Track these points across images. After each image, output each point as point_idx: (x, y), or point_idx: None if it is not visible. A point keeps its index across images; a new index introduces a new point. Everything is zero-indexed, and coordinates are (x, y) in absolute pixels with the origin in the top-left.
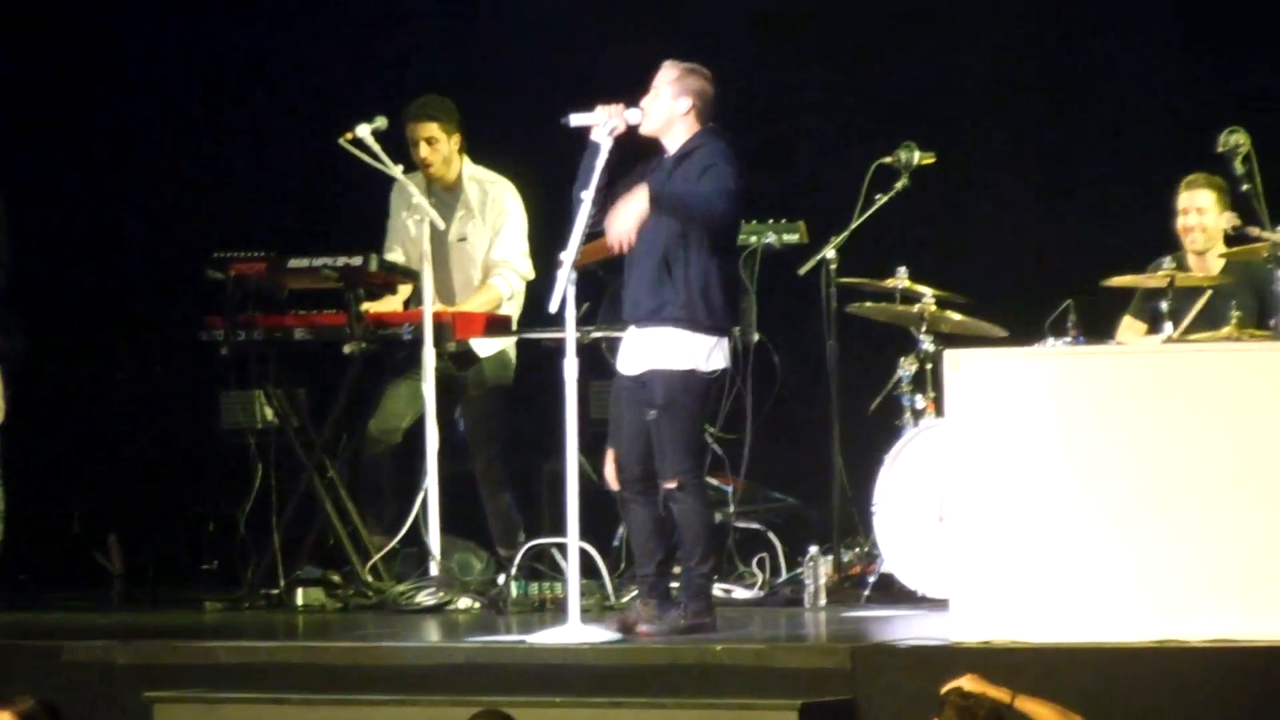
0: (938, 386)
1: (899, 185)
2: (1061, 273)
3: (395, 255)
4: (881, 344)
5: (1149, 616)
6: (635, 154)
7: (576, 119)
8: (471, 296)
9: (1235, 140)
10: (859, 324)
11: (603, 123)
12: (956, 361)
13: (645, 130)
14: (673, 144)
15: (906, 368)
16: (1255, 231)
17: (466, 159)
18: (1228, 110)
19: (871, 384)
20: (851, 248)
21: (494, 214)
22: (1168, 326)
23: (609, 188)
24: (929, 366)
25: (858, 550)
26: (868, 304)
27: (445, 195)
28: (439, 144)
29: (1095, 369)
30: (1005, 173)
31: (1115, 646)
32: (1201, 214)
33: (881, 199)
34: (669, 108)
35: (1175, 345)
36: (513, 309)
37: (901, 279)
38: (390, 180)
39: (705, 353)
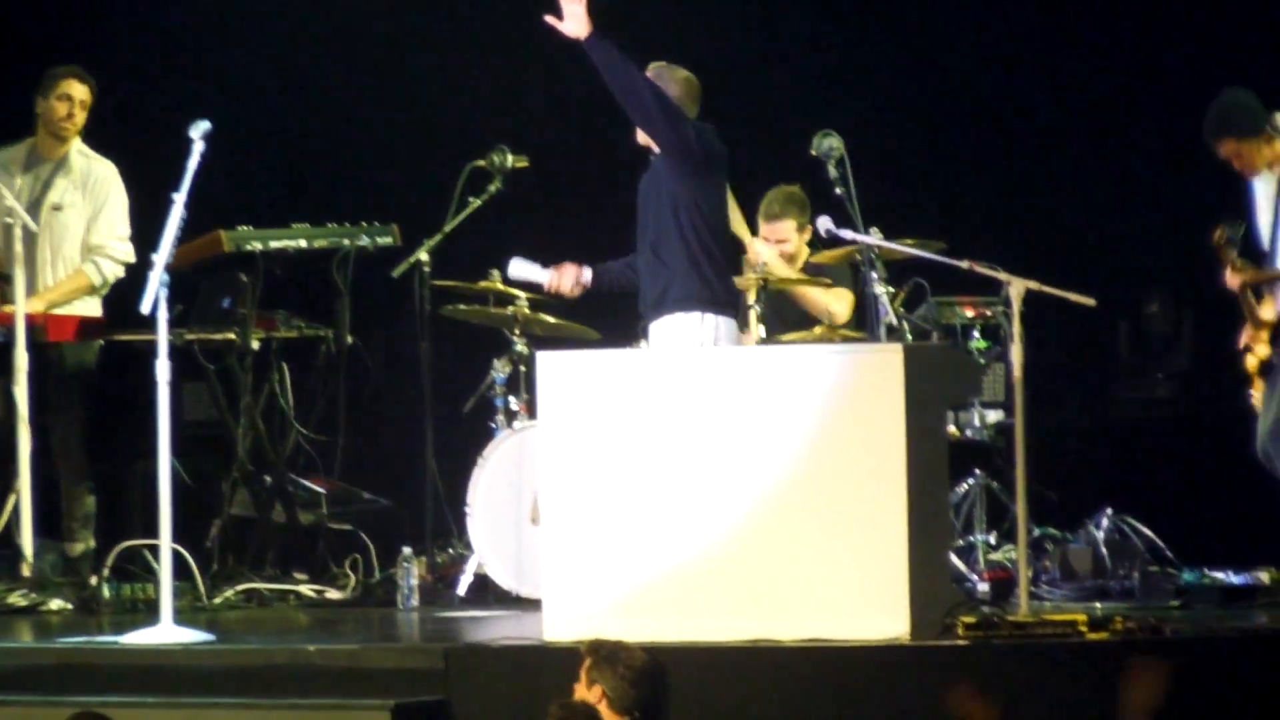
0: (531, 389)
1: (492, 188)
2: None
3: None
4: (476, 346)
5: (742, 616)
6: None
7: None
8: (62, 282)
9: (829, 144)
10: (453, 326)
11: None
12: (549, 364)
13: (641, 141)
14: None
15: (500, 370)
16: (848, 234)
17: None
18: (825, 113)
19: (465, 385)
20: (445, 250)
21: (98, 192)
22: (760, 328)
23: None
24: (523, 369)
25: (451, 551)
26: (461, 306)
27: (49, 165)
28: (86, 111)
29: (686, 371)
30: (598, 177)
31: (709, 645)
32: (783, 244)
33: (475, 202)
34: None
35: (764, 346)
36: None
37: (494, 281)
38: None
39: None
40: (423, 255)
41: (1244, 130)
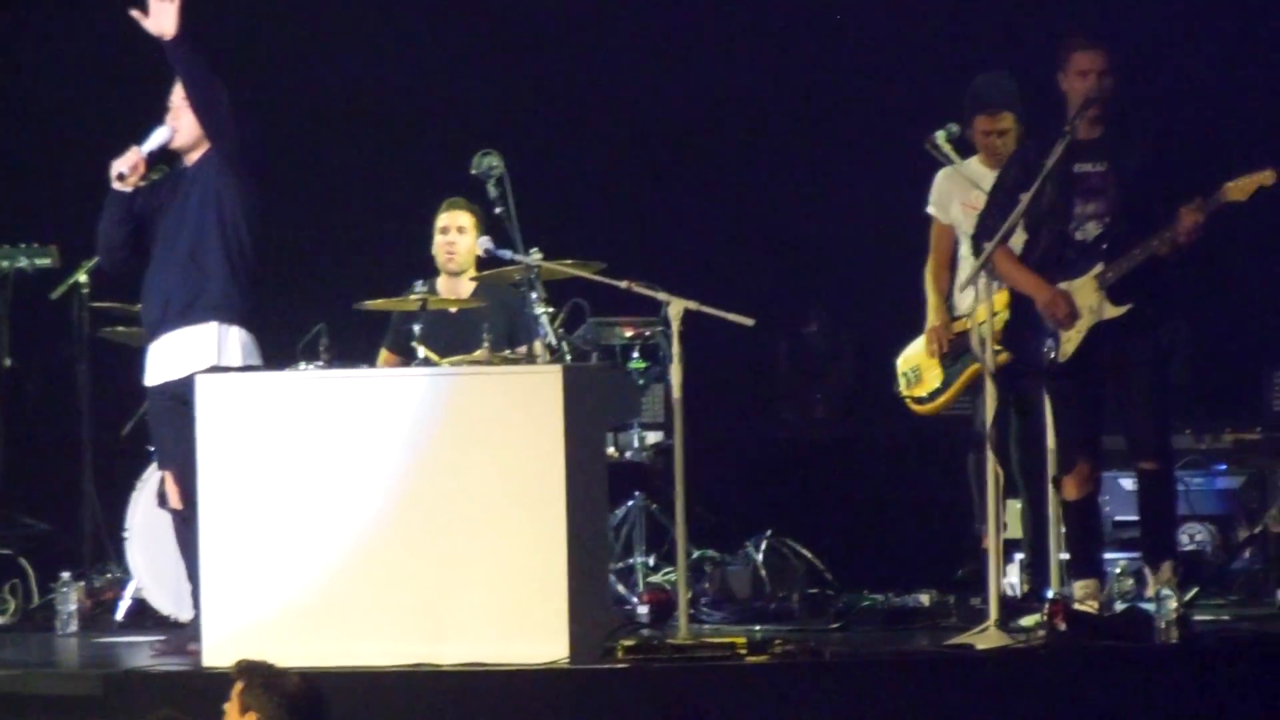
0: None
1: None
2: (315, 296)
3: None
4: (135, 368)
5: (402, 640)
6: None
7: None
8: None
9: (489, 163)
10: (113, 348)
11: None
12: (206, 385)
13: (177, 144)
14: (196, 154)
15: None
16: (508, 255)
17: None
18: (485, 132)
19: (125, 408)
20: (104, 272)
21: None
22: (420, 350)
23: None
24: None
25: (110, 575)
26: (120, 328)
27: None
28: None
29: (343, 392)
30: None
31: (368, 670)
32: (462, 234)
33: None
34: (192, 121)
35: (426, 368)
36: None
37: None
38: None
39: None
40: (81, 277)
41: (1018, 111)
